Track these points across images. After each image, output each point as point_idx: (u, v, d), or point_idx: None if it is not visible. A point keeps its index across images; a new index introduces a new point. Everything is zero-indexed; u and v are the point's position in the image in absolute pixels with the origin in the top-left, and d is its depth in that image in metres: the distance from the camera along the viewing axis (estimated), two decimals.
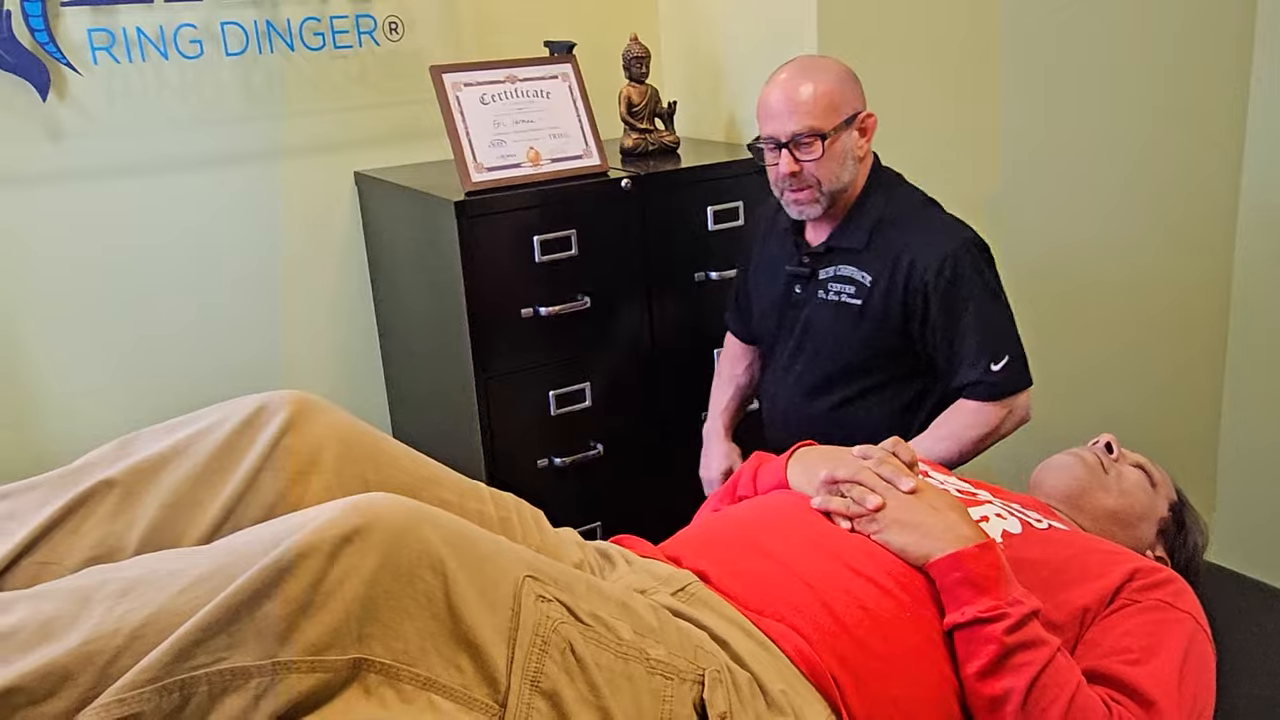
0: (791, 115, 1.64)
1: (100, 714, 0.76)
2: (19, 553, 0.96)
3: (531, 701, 0.89)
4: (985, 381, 1.66)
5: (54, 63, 1.92)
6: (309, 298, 2.23)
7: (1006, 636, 1.11)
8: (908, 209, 1.74)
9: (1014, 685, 1.10)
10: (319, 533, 0.82)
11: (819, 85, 1.65)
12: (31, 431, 2.03)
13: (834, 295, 1.74)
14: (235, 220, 2.13)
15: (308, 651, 0.81)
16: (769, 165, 1.70)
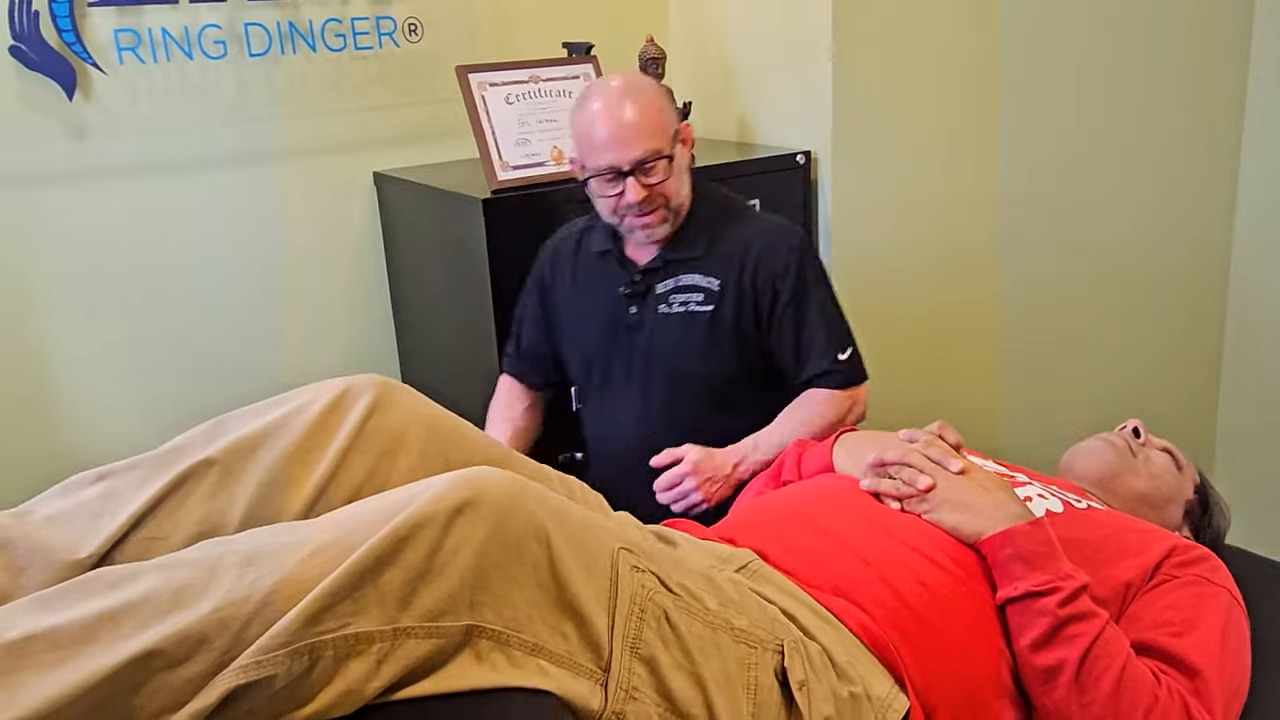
0: (631, 142, 1.59)
1: (238, 675, 0.78)
2: (128, 528, 0.98)
3: (632, 667, 0.92)
4: (835, 370, 1.70)
5: (80, 62, 1.93)
6: (327, 296, 2.24)
7: (1059, 609, 1.15)
8: (735, 211, 1.76)
9: (1067, 656, 1.14)
10: (433, 504, 0.85)
11: (646, 106, 1.62)
12: (52, 429, 2.03)
13: (679, 307, 1.71)
14: (256, 219, 2.14)
15: (425, 618, 0.84)
16: (607, 196, 1.63)
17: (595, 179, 1.63)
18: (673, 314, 1.71)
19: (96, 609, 0.80)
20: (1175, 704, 1.14)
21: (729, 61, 2.29)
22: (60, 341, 2.01)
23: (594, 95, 1.64)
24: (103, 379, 2.06)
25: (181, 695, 0.79)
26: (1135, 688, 1.13)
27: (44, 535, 0.97)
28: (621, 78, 1.66)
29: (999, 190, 2.28)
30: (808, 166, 2.09)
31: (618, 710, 0.91)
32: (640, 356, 1.73)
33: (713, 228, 1.71)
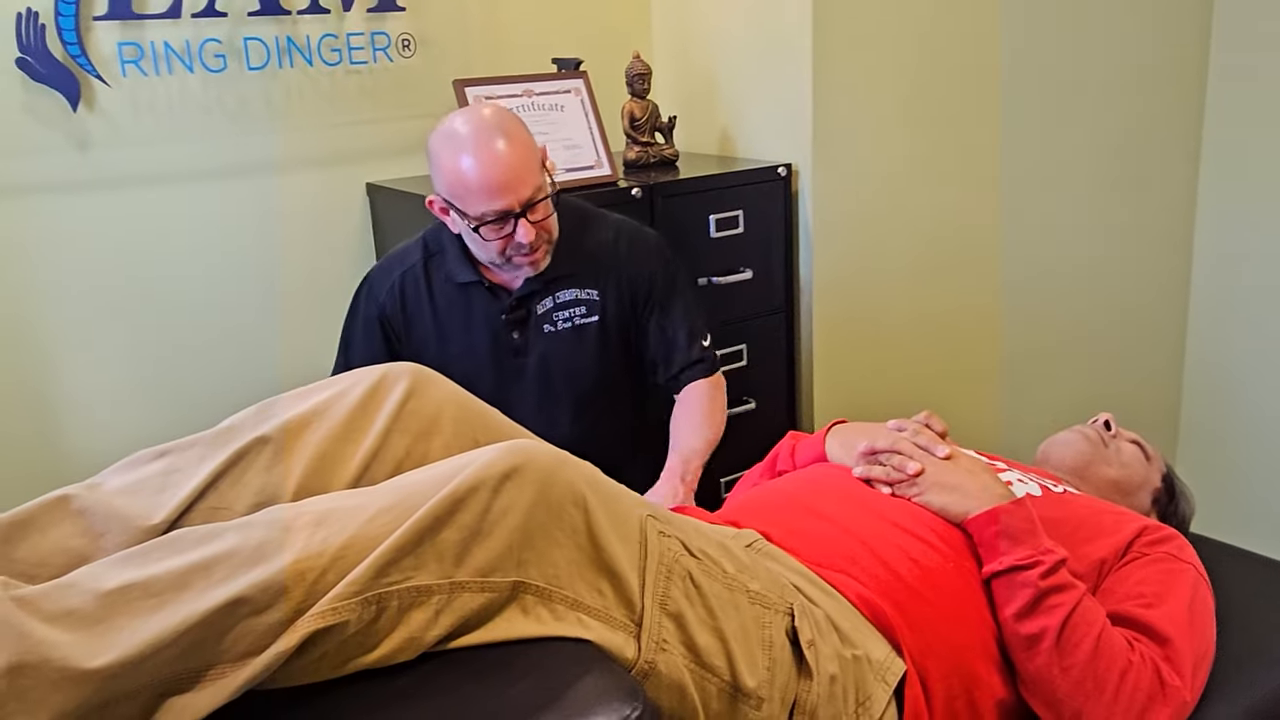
0: (518, 184, 1.56)
1: (315, 621, 0.85)
2: (194, 498, 1.05)
3: (662, 622, 1.00)
4: (705, 359, 1.81)
5: (84, 74, 1.98)
6: (322, 305, 2.30)
7: (1041, 581, 1.25)
8: (591, 218, 1.79)
9: (1048, 624, 1.23)
10: (485, 470, 0.93)
11: (521, 142, 1.59)
12: (54, 436, 2.07)
13: (564, 323, 1.73)
14: (253, 229, 2.20)
15: (478, 573, 0.92)
16: (496, 239, 1.59)
17: (484, 225, 1.58)
18: (559, 331, 1.74)
19: (187, 562, 0.86)
20: (1148, 668, 1.23)
21: (712, 76, 2.38)
22: (62, 349, 2.05)
23: (468, 138, 1.56)
24: (103, 386, 2.10)
25: (264, 639, 0.85)
26: (1111, 653, 1.23)
27: (118, 504, 1.03)
28: (485, 115, 1.60)
29: (978, 203, 2.39)
30: (789, 179, 2.18)
31: (650, 660, 0.99)
32: (534, 378, 1.75)
33: (574, 239, 1.73)
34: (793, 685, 1.10)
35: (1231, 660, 1.41)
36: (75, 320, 2.06)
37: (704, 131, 2.44)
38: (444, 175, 1.59)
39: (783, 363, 2.29)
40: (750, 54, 2.26)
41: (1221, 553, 1.67)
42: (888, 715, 1.18)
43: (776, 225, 2.21)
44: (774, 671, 1.09)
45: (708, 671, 1.03)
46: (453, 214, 1.63)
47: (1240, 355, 2.74)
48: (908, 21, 2.18)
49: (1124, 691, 1.20)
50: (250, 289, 2.22)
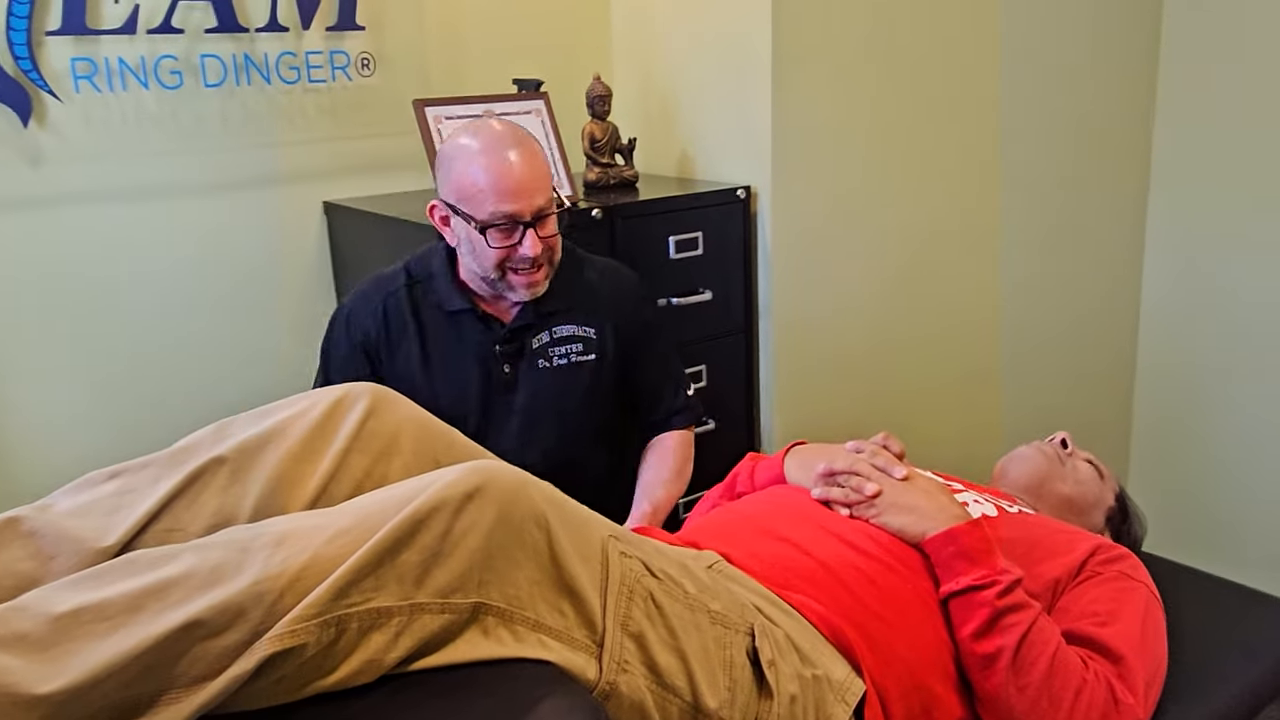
0: (534, 191, 1.53)
1: (274, 643, 0.84)
2: (147, 520, 1.03)
3: (623, 642, 1.00)
4: (690, 407, 1.82)
5: (36, 90, 1.96)
6: (277, 323, 2.28)
7: (997, 600, 1.26)
8: (579, 255, 1.76)
9: (1005, 644, 1.25)
10: (446, 490, 0.93)
11: (538, 154, 1.57)
12: (3, 457, 2.03)
13: (560, 359, 1.69)
14: (209, 248, 2.18)
15: (439, 594, 0.91)
16: (499, 247, 1.55)
17: (491, 229, 1.53)
18: (554, 367, 1.69)
19: (141, 584, 0.85)
20: (1101, 686, 1.25)
21: (672, 98, 2.40)
22: (12, 367, 2.01)
23: (486, 140, 1.54)
24: (55, 405, 2.06)
25: (220, 662, 0.84)
26: (1066, 671, 1.24)
27: (68, 525, 1.01)
28: (504, 124, 1.60)
29: (936, 225, 2.42)
30: (748, 201, 2.20)
31: (611, 680, 0.99)
32: (521, 413, 1.69)
33: (568, 273, 1.70)
34: (753, 705, 1.10)
35: (1183, 677, 1.43)
36: (25, 338, 2.02)
37: (664, 153, 2.45)
38: (454, 177, 1.56)
39: (741, 383, 2.30)
40: (710, 77, 2.28)
41: (1173, 572, 1.70)
42: None
43: (735, 247, 2.22)
44: (735, 692, 1.09)
45: (669, 692, 1.03)
46: (456, 220, 1.58)
47: (1192, 376, 2.80)
48: (867, 46, 2.21)
49: (1079, 709, 1.22)
50: (206, 307, 2.19)
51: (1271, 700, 1.51)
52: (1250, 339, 2.65)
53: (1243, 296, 2.65)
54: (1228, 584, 1.67)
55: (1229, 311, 2.68)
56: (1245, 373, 2.67)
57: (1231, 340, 2.69)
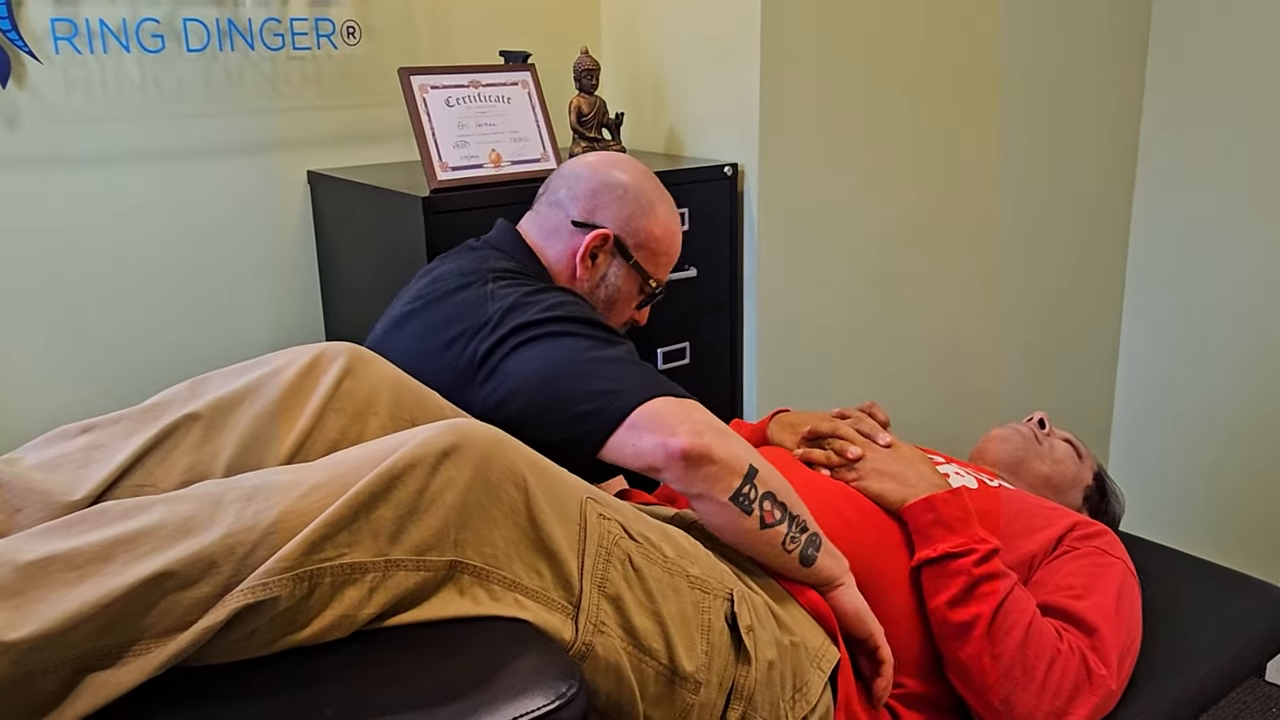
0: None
1: (245, 596, 0.83)
2: (118, 475, 1.02)
3: (600, 604, 1.00)
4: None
5: (15, 50, 1.93)
6: (257, 292, 2.26)
7: (974, 569, 1.27)
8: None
9: (980, 611, 1.25)
10: (423, 447, 0.92)
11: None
12: None
13: None
14: (189, 214, 2.15)
15: (413, 551, 0.90)
16: (635, 312, 1.53)
17: (652, 295, 1.49)
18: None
19: (110, 535, 0.84)
20: (1075, 657, 1.26)
21: (660, 73, 2.39)
22: None
23: (666, 199, 1.48)
24: (26, 367, 2.04)
25: (191, 614, 0.83)
26: (1040, 641, 1.25)
27: (37, 479, 1.00)
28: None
29: (926, 207, 2.41)
30: (735, 178, 2.19)
31: (587, 642, 0.98)
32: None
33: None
34: (730, 670, 1.10)
35: (1158, 656, 1.44)
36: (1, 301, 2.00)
37: (651, 129, 2.44)
38: (652, 226, 1.45)
39: (725, 361, 2.30)
40: (699, 52, 2.27)
41: (1150, 551, 1.71)
42: (823, 701, 1.18)
43: (722, 224, 2.22)
44: (712, 656, 1.08)
45: (645, 655, 1.03)
46: (617, 263, 1.46)
47: (1173, 358, 2.81)
48: (858, 22, 2.20)
49: (1051, 680, 1.22)
50: (185, 274, 2.17)
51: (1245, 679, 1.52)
52: (1234, 322, 2.66)
53: (1227, 281, 2.66)
54: (1204, 564, 1.68)
55: (1213, 296, 2.69)
56: (1227, 356, 2.68)
57: (1215, 324, 2.70)
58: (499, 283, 1.33)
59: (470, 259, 1.44)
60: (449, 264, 1.45)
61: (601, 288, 1.47)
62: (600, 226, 1.44)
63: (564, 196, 1.46)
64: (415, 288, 1.45)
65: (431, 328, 1.31)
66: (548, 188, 1.52)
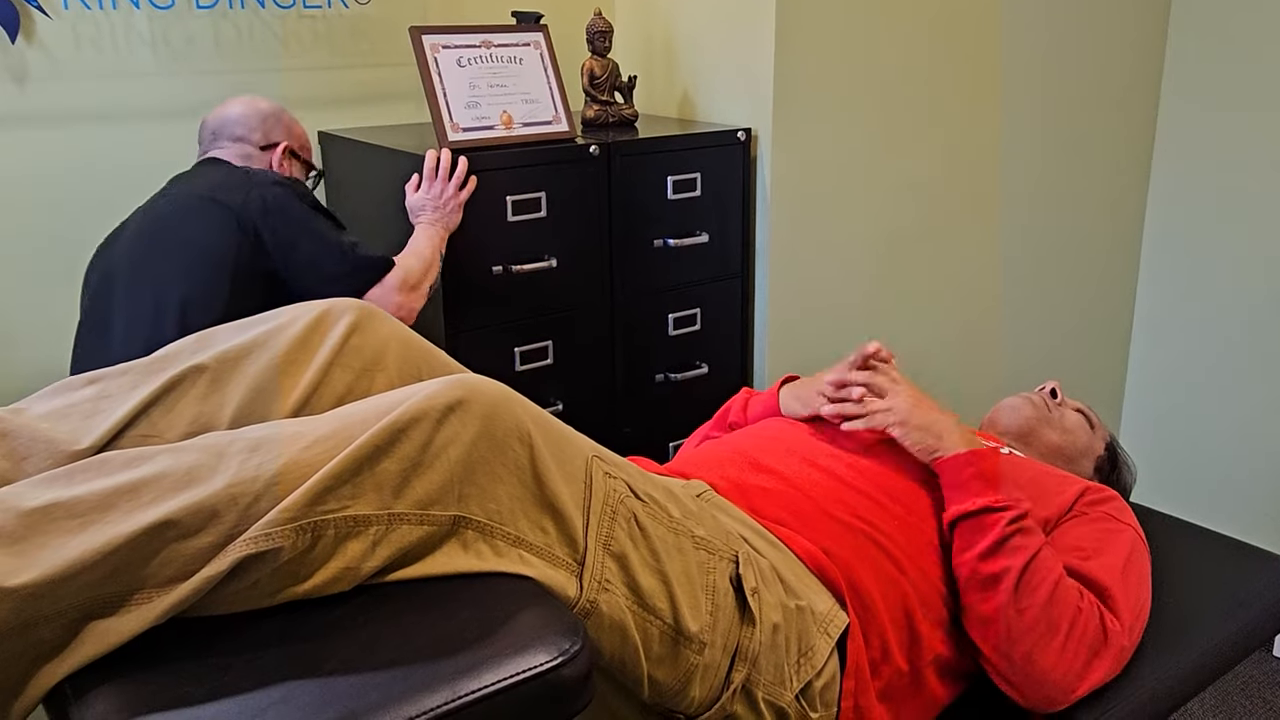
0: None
1: (249, 545, 0.83)
2: (124, 425, 1.01)
3: (605, 562, 0.99)
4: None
5: (24, 4, 1.92)
6: None
7: (1008, 525, 1.26)
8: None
9: (1011, 564, 1.24)
10: (428, 401, 0.91)
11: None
12: None
13: None
14: None
15: (417, 505, 0.90)
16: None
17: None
18: None
19: (113, 483, 0.83)
20: (1095, 617, 1.26)
21: (673, 37, 2.36)
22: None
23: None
24: (35, 322, 2.04)
25: (193, 564, 0.83)
26: (1065, 599, 1.24)
27: (43, 428, 1.00)
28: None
29: (940, 175, 2.39)
30: (748, 143, 2.17)
31: (591, 599, 0.98)
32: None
33: None
34: (735, 632, 1.10)
35: (1165, 627, 1.43)
36: (8, 254, 1.99)
37: (664, 93, 2.41)
38: (298, 130, 1.95)
39: (736, 327, 2.28)
40: (712, 15, 2.24)
41: (1161, 522, 1.70)
42: (829, 667, 1.18)
43: (734, 189, 2.20)
44: (717, 617, 1.08)
45: (650, 613, 1.02)
46: (295, 164, 1.95)
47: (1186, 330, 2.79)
48: None
49: (1073, 637, 1.22)
50: None
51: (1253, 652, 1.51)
52: (1246, 293, 2.63)
53: (1240, 253, 2.63)
54: (1214, 535, 1.67)
55: (1226, 268, 2.67)
56: (1241, 328, 2.66)
57: (1227, 294, 2.67)
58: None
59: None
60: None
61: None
62: (278, 143, 1.93)
63: (243, 133, 1.90)
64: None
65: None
66: (216, 135, 1.91)
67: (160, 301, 1.58)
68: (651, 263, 2.18)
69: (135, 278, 1.64)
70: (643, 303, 2.18)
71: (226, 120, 1.92)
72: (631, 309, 2.18)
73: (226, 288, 1.58)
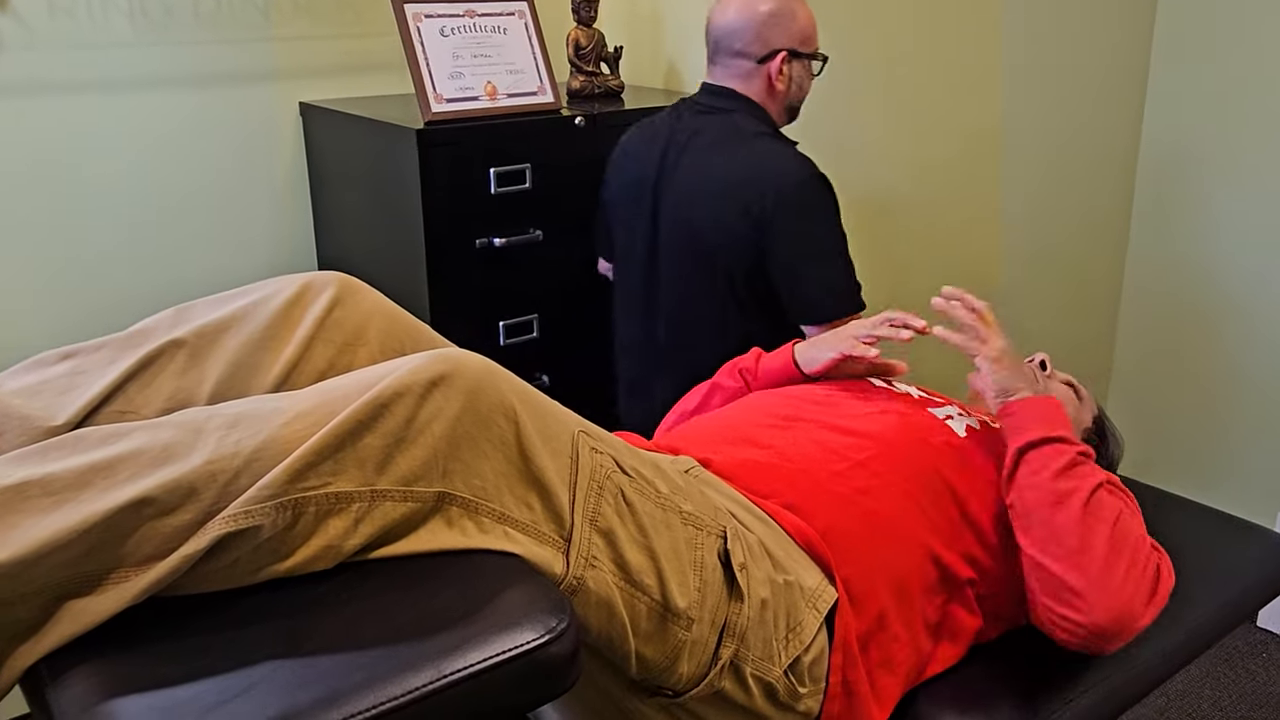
0: None
1: (227, 523, 0.81)
2: (99, 401, 0.99)
3: (591, 538, 0.98)
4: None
5: None
6: (249, 224, 2.23)
7: (1079, 455, 1.27)
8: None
9: (1082, 484, 1.24)
10: (412, 375, 0.89)
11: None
12: None
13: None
14: (177, 145, 2.11)
15: (400, 482, 0.88)
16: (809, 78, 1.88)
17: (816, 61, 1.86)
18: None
19: (88, 460, 0.82)
20: (1155, 557, 1.27)
21: (659, 7, 2.33)
22: None
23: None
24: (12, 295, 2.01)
25: (170, 543, 0.81)
26: (1128, 527, 1.24)
27: (16, 404, 0.98)
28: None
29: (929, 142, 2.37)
30: None
31: (578, 576, 0.96)
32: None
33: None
34: (723, 608, 1.09)
35: None
36: None
37: (650, 63, 2.38)
38: (802, 18, 1.83)
39: None
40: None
41: (1147, 495, 1.70)
42: (817, 642, 1.17)
43: None
44: (705, 593, 1.07)
45: (637, 590, 1.01)
46: (795, 65, 1.84)
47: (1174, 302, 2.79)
48: None
49: (1137, 565, 1.22)
50: (174, 206, 2.13)
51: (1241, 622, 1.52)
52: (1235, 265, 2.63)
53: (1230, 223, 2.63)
54: (1200, 508, 1.67)
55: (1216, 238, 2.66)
56: (1228, 298, 2.66)
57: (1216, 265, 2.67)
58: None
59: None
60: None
61: (792, 85, 1.87)
62: (777, 51, 1.84)
63: (739, 48, 1.84)
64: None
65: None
66: (717, 46, 1.86)
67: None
68: None
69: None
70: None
71: (724, 30, 1.87)
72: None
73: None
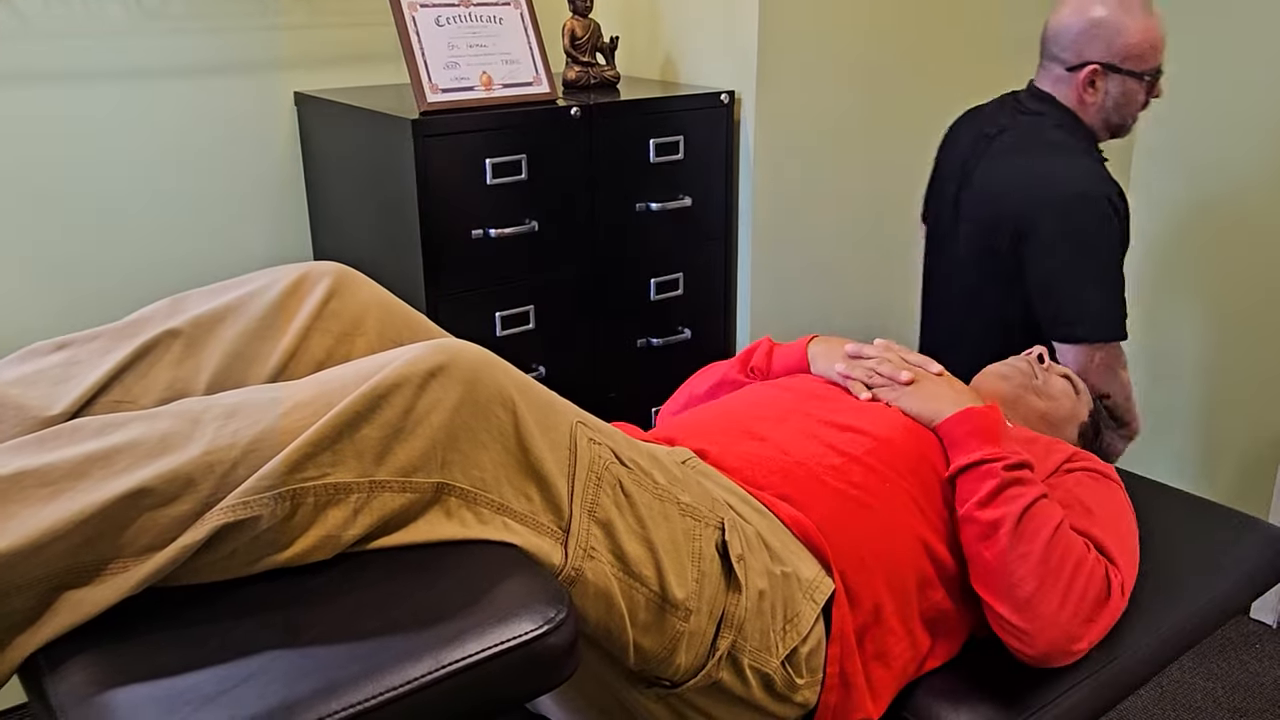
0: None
1: (226, 514, 0.81)
2: (95, 391, 0.99)
3: (590, 529, 0.98)
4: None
5: None
6: (244, 215, 2.22)
7: (1005, 472, 1.26)
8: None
9: (1008, 511, 1.24)
10: (410, 366, 0.89)
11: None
12: None
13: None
14: (172, 135, 2.10)
15: (399, 473, 0.88)
16: (1145, 99, 1.81)
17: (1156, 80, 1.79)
18: None
19: (85, 451, 0.81)
20: (1100, 568, 1.26)
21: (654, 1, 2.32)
22: None
23: (1137, 8, 1.75)
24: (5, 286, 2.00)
25: (168, 533, 0.81)
26: (1068, 545, 1.24)
27: (11, 394, 0.97)
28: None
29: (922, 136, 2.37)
30: (731, 106, 2.14)
31: (576, 567, 0.97)
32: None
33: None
34: (721, 599, 1.09)
35: (1146, 591, 1.43)
36: None
37: (646, 54, 2.38)
38: (1131, 34, 1.74)
39: (719, 292, 2.27)
40: None
41: (1141, 486, 1.70)
42: (814, 633, 1.17)
43: (717, 153, 2.17)
44: (703, 584, 1.07)
45: (636, 581, 1.01)
46: (1115, 79, 1.77)
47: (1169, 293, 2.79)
48: None
49: (1077, 585, 1.22)
50: (167, 194, 2.12)
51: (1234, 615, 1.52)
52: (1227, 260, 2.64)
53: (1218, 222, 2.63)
54: (1195, 499, 1.67)
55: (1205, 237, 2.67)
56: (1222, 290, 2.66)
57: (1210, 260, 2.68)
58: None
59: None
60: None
61: (1109, 100, 1.81)
62: (1088, 64, 1.78)
63: (1056, 51, 1.80)
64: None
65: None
66: (1045, 47, 1.84)
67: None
68: (634, 227, 2.16)
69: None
70: (625, 267, 2.16)
71: (1052, 30, 1.82)
72: (613, 273, 2.16)
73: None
